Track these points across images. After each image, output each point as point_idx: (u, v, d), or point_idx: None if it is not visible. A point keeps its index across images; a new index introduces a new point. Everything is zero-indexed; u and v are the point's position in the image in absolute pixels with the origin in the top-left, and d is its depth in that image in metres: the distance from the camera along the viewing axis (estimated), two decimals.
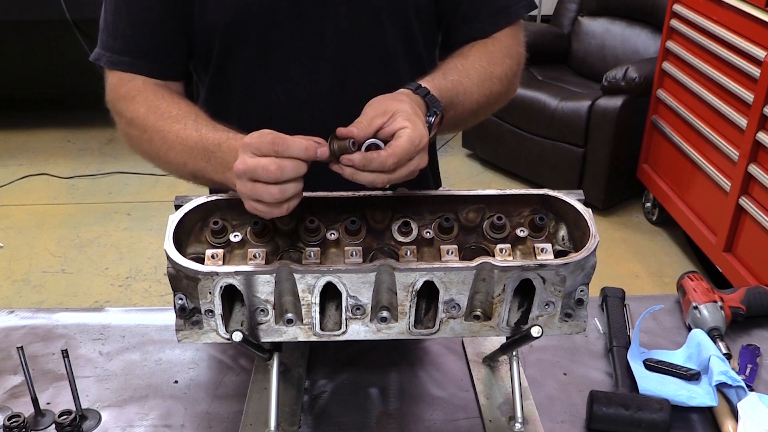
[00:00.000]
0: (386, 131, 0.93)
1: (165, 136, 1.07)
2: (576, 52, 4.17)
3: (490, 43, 1.23)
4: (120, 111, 1.15)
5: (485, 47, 1.22)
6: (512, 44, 1.24)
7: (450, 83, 1.10)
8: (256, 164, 0.87)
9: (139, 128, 1.11)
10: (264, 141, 0.88)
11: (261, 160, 0.87)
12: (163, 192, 3.95)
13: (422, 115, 0.99)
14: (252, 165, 0.87)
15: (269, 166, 0.87)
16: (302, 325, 0.93)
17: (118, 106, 1.15)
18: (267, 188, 0.88)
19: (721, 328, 1.24)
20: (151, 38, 1.15)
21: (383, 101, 0.97)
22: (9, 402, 1.12)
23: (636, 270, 3.34)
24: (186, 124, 1.06)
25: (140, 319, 1.33)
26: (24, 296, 3.15)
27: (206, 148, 1.02)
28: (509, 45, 1.24)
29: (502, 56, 1.21)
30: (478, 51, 1.21)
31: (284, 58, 1.17)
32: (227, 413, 1.11)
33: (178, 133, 1.06)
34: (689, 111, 3.15)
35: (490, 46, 1.22)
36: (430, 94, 1.04)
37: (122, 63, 1.15)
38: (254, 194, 0.89)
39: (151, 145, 1.10)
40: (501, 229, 0.99)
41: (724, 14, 2.86)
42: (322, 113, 1.20)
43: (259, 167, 0.87)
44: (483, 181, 4.14)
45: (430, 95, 1.04)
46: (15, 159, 4.35)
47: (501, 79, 1.19)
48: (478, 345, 1.23)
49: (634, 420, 1.05)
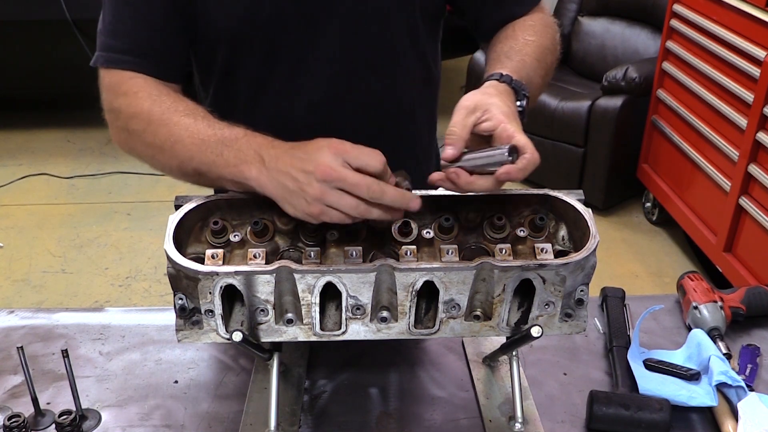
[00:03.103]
0: (483, 127, 0.94)
1: (172, 129, 1.03)
2: (576, 52, 4.17)
3: (527, 19, 1.26)
4: (119, 107, 1.11)
5: (525, 24, 1.25)
6: (544, 15, 1.28)
7: (518, 63, 1.12)
8: (360, 180, 0.87)
9: (143, 122, 1.07)
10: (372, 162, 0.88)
11: (365, 178, 0.87)
12: (163, 192, 3.95)
13: (513, 104, 1.01)
14: (353, 180, 0.87)
15: (372, 185, 0.87)
16: (302, 325, 0.93)
17: (117, 102, 1.11)
18: (356, 203, 0.88)
19: (721, 328, 1.24)
20: (154, 38, 1.13)
21: (472, 98, 0.97)
22: (9, 402, 1.12)
23: (636, 270, 3.34)
24: (196, 118, 1.03)
25: (140, 319, 1.33)
26: (24, 296, 3.15)
27: (221, 140, 0.99)
28: (542, 16, 1.28)
29: (543, 27, 1.25)
30: (522, 29, 1.23)
31: (292, 63, 1.17)
32: (227, 413, 1.11)
33: (188, 126, 1.02)
34: (689, 111, 3.15)
35: (529, 21, 1.26)
36: (514, 79, 1.05)
37: (123, 62, 1.12)
38: (337, 203, 0.88)
39: (155, 137, 1.05)
40: (501, 229, 0.99)
41: (724, 14, 2.86)
42: (332, 115, 1.20)
43: (362, 185, 0.87)
44: None
45: (515, 80, 1.05)
46: (15, 159, 4.35)
47: (551, 50, 1.22)
48: (478, 345, 1.23)
49: (634, 420, 1.05)
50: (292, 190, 0.90)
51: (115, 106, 1.12)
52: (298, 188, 0.90)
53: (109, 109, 1.13)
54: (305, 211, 0.90)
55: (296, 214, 0.91)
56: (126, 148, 1.13)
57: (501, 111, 0.95)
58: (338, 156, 0.88)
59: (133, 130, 1.08)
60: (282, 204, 0.93)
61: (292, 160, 0.91)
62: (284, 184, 0.91)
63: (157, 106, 1.07)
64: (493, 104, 0.96)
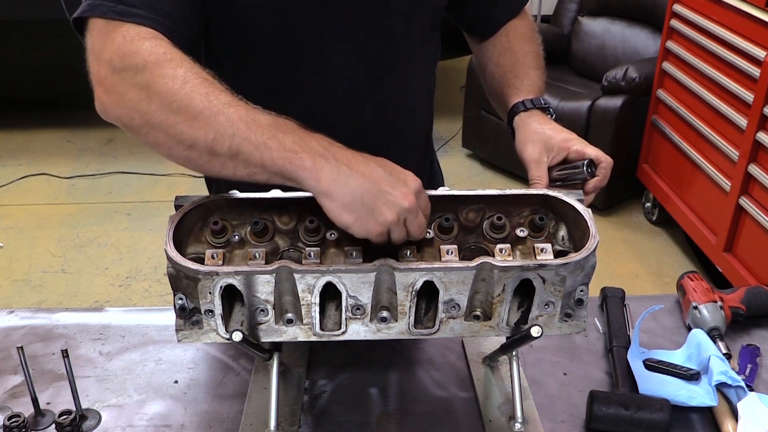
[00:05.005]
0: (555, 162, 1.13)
1: (212, 100, 0.88)
2: (576, 52, 4.17)
3: (516, 25, 1.33)
4: (139, 65, 0.91)
5: (517, 32, 1.32)
6: (529, 20, 1.37)
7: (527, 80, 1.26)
8: (424, 223, 0.91)
9: (177, 82, 0.89)
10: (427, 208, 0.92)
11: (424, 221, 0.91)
12: (163, 192, 3.95)
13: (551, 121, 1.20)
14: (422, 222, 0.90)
15: (423, 226, 0.91)
16: (302, 325, 0.93)
17: (135, 60, 0.91)
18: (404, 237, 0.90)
19: (721, 328, 1.24)
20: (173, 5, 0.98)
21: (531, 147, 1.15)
22: (9, 402, 1.12)
23: (636, 270, 3.34)
24: (240, 97, 0.91)
25: (140, 319, 1.33)
26: (24, 296, 3.15)
27: (276, 125, 0.88)
28: (529, 22, 1.36)
29: (532, 33, 1.35)
30: (516, 39, 1.31)
31: (316, 56, 1.16)
32: (227, 413, 1.11)
33: (233, 102, 0.89)
34: (689, 111, 3.15)
35: (520, 29, 1.33)
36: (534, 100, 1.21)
37: (138, 16, 0.94)
38: (394, 232, 0.89)
39: (189, 103, 0.88)
40: (501, 229, 0.99)
41: (724, 14, 2.86)
42: (353, 110, 1.20)
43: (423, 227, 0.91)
44: (483, 181, 4.14)
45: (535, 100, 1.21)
46: (15, 159, 4.35)
47: (542, 54, 1.33)
48: (478, 345, 1.23)
49: (634, 420, 1.05)
50: (367, 203, 0.85)
51: (135, 61, 0.91)
52: (374, 203, 0.85)
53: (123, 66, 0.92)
54: (368, 228, 0.86)
55: (351, 224, 0.86)
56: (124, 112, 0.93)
57: (559, 139, 1.13)
58: (420, 192, 0.90)
59: (158, 91, 0.90)
60: (336, 207, 0.86)
61: (372, 173, 0.86)
62: (357, 193, 0.85)
63: (192, 73, 0.91)
64: (548, 139, 1.14)
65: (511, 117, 1.23)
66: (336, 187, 0.85)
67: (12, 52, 4.51)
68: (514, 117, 1.22)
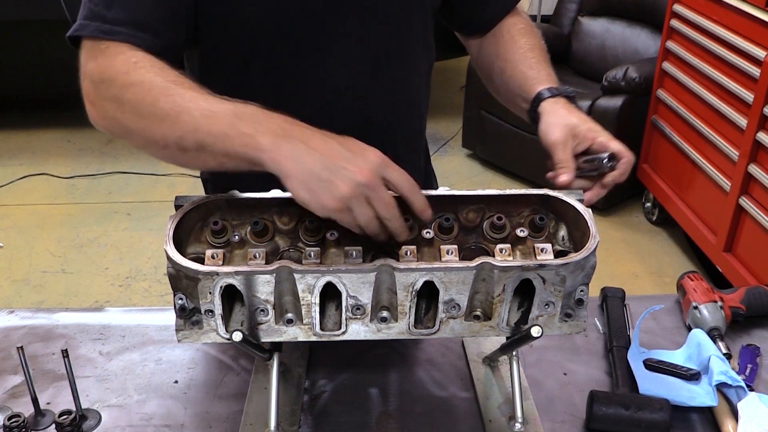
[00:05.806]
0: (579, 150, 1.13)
1: (177, 100, 0.93)
2: (576, 52, 4.17)
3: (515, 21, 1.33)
4: (113, 76, 0.98)
5: (516, 27, 1.32)
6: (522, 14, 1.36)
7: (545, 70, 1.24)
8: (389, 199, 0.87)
9: (142, 90, 0.96)
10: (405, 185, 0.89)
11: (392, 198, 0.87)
12: (163, 192, 3.95)
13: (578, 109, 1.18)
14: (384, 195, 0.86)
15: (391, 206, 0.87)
16: (302, 325, 0.93)
17: (113, 71, 0.99)
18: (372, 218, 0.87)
19: (721, 328, 1.24)
20: (154, 11, 1.04)
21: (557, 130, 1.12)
22: (9, 402, 1.12)
23: (636, 270, 3.34)
24: (203, 93, 0.95)
25: (140, 319, 1.33)
26: (24, 296, 3.15)
27: (236, 113, 0.91)
28: (526, 19, 1.36)
29: (531, 27, 1.34)
30: (517, 34, 1.31)
31: (318, 49, 1.16)
32: (227, 413, 1.11)
33: (196, 98, 0.93)
34: (689, 111, 3.16)
35: (519, 24, 1.33)
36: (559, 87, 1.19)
37: (119, 33, 1.01)
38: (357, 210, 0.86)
39: (155, 107, 0.94)
40: (501, 229, 0.99)
41: (724, 14, 2.86)
42: (355, 103, 1.20)
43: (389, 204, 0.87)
44: (483, 181, 4.14)
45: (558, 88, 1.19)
46: (15, 159, 4.35)
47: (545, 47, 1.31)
48: (478, 345, 1.23)
49: (634, 420, 1.05)
50: (322, 178, 0.85)
51: (109, 74, 0.99)
52: (328, 178, 0.85)
53: (100, 79, 1.00)
54: (323, 203, 0.85)
55: (309, 201, 0.86)
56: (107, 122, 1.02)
57: (585, 128, 1.13)
58: (383, 167, 0.87)
59: (128, 99, 0.97)
60: (295, 185, 0.86)
61: (329, 149, 0.87)
62: (312, 168, 0.85)
63: (159, 77, 0.97)
64: (574, 126, 1.12)
65: (536, 104, 1.19)
66: (293, 165, 0.86)
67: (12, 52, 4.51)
68: (540, 103, 1.18)
